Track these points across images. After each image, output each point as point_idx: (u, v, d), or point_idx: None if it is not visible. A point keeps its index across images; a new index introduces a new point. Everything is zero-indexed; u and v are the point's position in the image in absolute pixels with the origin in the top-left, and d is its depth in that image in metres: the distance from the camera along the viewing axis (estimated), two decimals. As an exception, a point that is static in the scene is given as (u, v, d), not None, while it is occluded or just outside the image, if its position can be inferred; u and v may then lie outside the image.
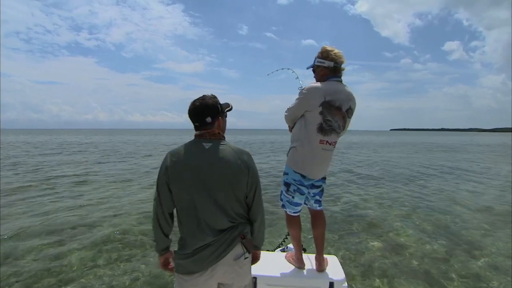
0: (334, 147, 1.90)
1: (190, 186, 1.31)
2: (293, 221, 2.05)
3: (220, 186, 1.32)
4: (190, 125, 1.44)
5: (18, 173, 10.48)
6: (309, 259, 2.11)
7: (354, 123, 2.01)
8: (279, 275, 1.92)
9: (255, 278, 1.86)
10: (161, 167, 1.36)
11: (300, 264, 2.02)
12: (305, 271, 1.99)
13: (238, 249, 1.37)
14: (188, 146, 1.38)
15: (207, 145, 1.36)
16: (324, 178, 2.01)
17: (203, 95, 1.43)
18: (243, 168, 1.36)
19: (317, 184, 1.97)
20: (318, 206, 2.05)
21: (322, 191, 2.04)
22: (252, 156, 1.45)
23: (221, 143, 1.39)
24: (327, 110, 1.77)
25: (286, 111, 1.96)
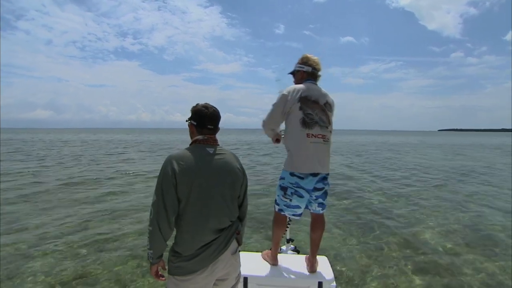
0: (325, 140, 1.95)
1: (201, 190, 1.38)
2: (281, 221, 2.12)
3: (227, 189, 1.46)
4: (225, 124, 1.47)
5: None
6: (301, 260, 2.13)
7: (397, 123, 2.01)
8: (269, 275, 1.95)
9: (245, 278, 1.87)
10: (165, 171, 1.36)
11: (274, 262, 2.09)
12: (295, 271, 2.01)
13: (234, 244, 1.51)
14: (193, 151, 1.44)
15: (210, 150, 1.46)
16: (326, 180, 2.00)
17: (205, 103, 1.52)
18: (241, 172, 1.55)
19: (319, 186, 1.96)
20: (322, 209, 2.05)
21: (325, 193, 2.02)
22: None
23: (220, 148, 1.51)
24: (305, 104, 1.92)
25: (264, 118, 2.03)
